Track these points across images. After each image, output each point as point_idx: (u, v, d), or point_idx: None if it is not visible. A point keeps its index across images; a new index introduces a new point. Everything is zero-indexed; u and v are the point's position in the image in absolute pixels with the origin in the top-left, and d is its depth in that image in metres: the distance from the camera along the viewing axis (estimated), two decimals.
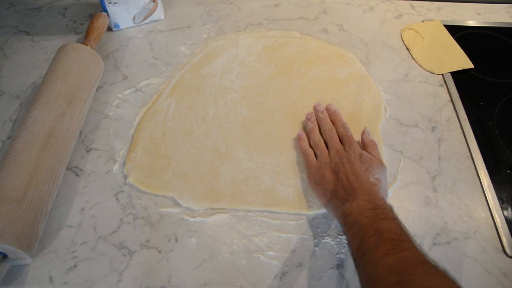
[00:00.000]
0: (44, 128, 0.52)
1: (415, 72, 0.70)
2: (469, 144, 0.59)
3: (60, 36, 0.75)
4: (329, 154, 0.53)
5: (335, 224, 0.51)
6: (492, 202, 0.53)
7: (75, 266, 0.47)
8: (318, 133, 0.57)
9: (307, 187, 0.54)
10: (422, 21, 0.79)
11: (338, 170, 0.50)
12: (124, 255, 0.48)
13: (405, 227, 0.42)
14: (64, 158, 0.53)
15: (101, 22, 0.70)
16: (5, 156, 0.50)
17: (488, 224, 0.52)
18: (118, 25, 0.75)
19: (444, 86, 0.68)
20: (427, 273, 0.35)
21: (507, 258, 0.49)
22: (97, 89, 0.65)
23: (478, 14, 0.82)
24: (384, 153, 0.58)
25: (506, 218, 0.52)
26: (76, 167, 0.57)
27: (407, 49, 0.74)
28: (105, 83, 0.67)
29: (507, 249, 0.49)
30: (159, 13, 0.77)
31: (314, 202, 0.53)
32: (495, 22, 0.80)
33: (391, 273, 0.36)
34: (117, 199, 0.53)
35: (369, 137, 0.55)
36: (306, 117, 0.60)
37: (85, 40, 0.67)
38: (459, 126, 0.62)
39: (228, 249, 0.49)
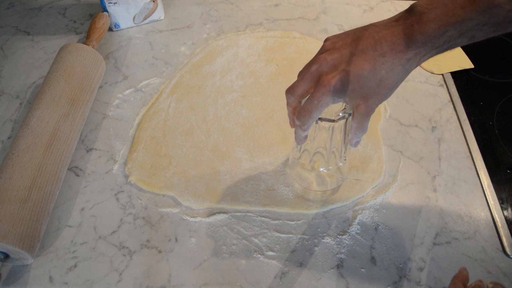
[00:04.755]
0: (47, 129, 0.52)
1: (415, 72, 0.70)
2: (469, 144, 0.59)
3: (60, 36, 0.75)
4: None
5: (335, 224, 0.51)
6: (492, 202, 0.53)
7: (75, 266, 0.47)
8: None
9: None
10: None
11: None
12: (124, 255, 0.48)
13: None
14: (66, 159, 0.54)
15: (103, 23, 0.70)
16: (9, 156, 0.50)
17: (488, 224, 0.52)
18: (118, 25, 0.75)
19: (444, 86, 0.68)
20: None
21: (507, 258, 0.49)
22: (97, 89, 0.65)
23: None
24: (384, 153, 0.58)
25: (506, 218, 0.52)
26: (76, 167, 0.57)
27: None
28: (105, 83, 0.67)
29: (507, 249, 0.49)
30: (159, 13, 0.77)
31: (314, 201, 0.53)
32: None
33: None
34: (117, 199, 0.53)
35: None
36: None
37: (86, 40, 0.67)
38: (459, 126, 0.62)
39: (228, 249, 0.49)
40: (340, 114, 0.42)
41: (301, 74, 0.41)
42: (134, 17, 0.75)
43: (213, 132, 0.60)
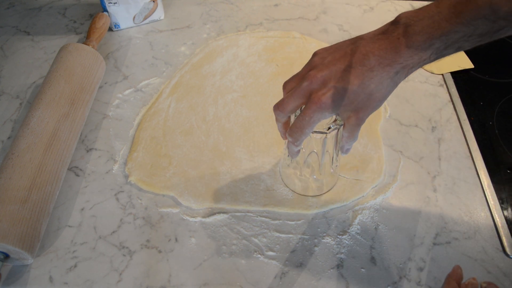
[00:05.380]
0: (47, 129, 0.52)
1: (415, 72, 0.70)
2: (469, 144, 0.59)
3: (60, 36, 0.75)
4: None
5: (335, 224, 0.51)
6: (492, 202, 0.53)
7: (75, 266, 0.47)
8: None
9: (306, 187, 0.54)
10: None
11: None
12: (124, 255, 0.48)
13: None
14: (66, 159, 0.54)
15: (103, 23, 0.70)
16: (9, 156, 0.50)
17: (488, 224, 0.52)
18: (118, 25, 0.75)
19: (444, 86, 0.68)
20: None
21: (507, 258, 0.49)
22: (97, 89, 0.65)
23: None
24: (384, 153, 0.58)
25: (506, 218, 0.52)
26: (76, 167, 0.57)
27: None
28: (105, 83, 0.67)
29: (507, 249, 0.49)
30: (159, 13, 0.77)
31: (313, 202, 0.53)
32: None
33: None
34: (117, 199, 0.53)
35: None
36: None
37: (86, 40, 0.67)
38: (459, 126, 0.62)
39: (228, 249, 0.49)
40: (332, 126, 0.43)
41: (287, 87, 0.41)
42: (134, 17, 0.75)
43: (213, 132, 0.60)
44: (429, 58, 0.35)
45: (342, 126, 0.42)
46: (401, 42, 0.34)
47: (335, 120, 0.43)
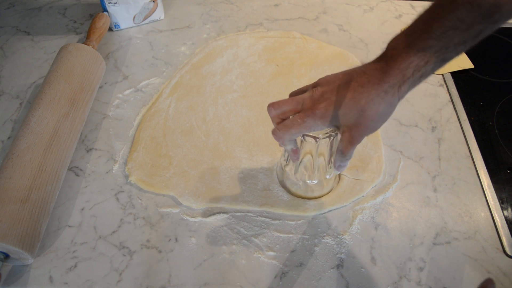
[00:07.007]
0: (47, 129, 0.52)
1: None
2: (469, 144, 0.59)
3: (60, 36, 0.75)
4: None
5: (335, 224, 0.51)
6: (492, 202, 0.53)
7: (75, 266, 0.47)
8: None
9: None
10: None
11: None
12: (124, 255, 0.48)
13: None
14: (66, 159, 0.54)
15: (103, 23, 0.70)
16: (9, 156, 0.50)
17: (488, 224, 0.52)
18: (118, 25, 0.75)
19: (444, 86, 0.68)
20: None
21: (507, 258, 0.49)
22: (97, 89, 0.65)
23: None
24: (384, 153, 0.58)
25: (506, 218, 0.52)
26: (76, 167, 0.57)
27: None
28: (105, 83, 0.67)
29: (507, 249, 0.49)
30: (159, 13, 0.77)
31: (311, 204, 0.53)
32: None
33: None
34: (117, 199, 0.53)
35: None
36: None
37: (86, 40, 0.67)
38: (459, 126, 0.62)
39: (228, 249, 0.49)
40: (327, 133, 0.44)
41: (291, 95, 0.44)
42: (134, 17, 0.75)
43: (213, 132, 0.60)
44: (413, 75, 0.37)
45: (336, 137, 0.44)
46: (388, 63, 0.37)
47: (332, 129, 0.44)
